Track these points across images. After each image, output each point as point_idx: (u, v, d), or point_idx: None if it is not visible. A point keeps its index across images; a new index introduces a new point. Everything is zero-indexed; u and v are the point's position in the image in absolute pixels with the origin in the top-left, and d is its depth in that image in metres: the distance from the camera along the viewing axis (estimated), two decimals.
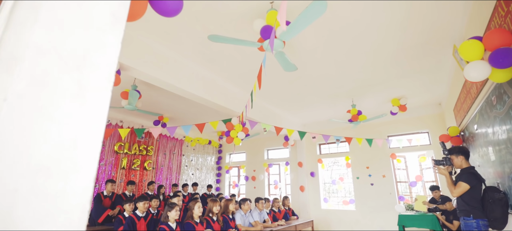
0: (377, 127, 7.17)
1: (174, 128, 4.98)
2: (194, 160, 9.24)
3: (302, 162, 8.00)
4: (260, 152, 9.33)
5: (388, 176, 6.78)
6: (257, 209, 4.96)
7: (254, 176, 9.16)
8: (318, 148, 8.13)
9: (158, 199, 4.85)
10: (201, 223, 3.66)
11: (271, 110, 6.56)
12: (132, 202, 4.27)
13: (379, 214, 6.67)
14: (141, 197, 4.07)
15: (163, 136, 8.16)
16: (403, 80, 4.98)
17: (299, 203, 7.85)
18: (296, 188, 8.10)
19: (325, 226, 7.34)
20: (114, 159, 6.79)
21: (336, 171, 7.95)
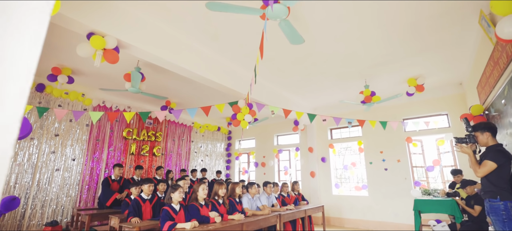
0: (391, 110, 6.82)
1: (180, 112, 4.87)
2: (204, 146, 9.21)
3: (312, 148, 7.79)
4: (269, 138, 9.18)
5: (403, 160, 6.47)
6: (265, 193, 4.84)
7: (264, 162, 9.04)
8: (329, 133, 7.88)
9: (166, 184, 4.81)
10: (206, 206, 3.57)
11: (279, 93, 6.34)
12: (138, 185, 4.24)
13: (393, 200, 6.42)
14: (146, 180, 4.03)
15: (171, 122, 8.14)
16: (421, 56, 4.61)
17: (310, 189, 7.69)
18: (307, 174, 7.93)
19: (337, 213, 7.17)
20: (123, 145, 6.83)
21: (348, 156, 7.69)
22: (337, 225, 7.08)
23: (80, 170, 5.93)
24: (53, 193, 5.49)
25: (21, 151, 5.17)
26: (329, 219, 7.20)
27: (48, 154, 5.51)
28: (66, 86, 5.81)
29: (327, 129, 7.84)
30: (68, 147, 5.81)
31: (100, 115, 4.35)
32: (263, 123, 9.28)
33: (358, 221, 6.78)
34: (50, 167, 5.51)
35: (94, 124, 6.29)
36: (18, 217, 5.03)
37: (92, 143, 6.20)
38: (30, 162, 5.26)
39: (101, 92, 6.44)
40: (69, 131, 5.86)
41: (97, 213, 4.36)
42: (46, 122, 5.55)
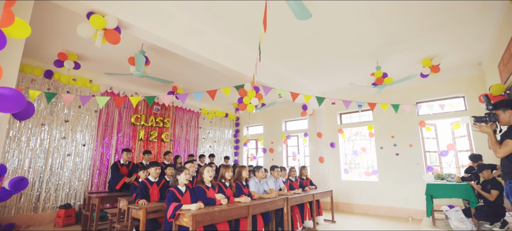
0: (404, 93, 6.56)
1: (185, 96, 4.82)
2: (211, 133, 9.22)
3: (321, 133, 7.65)
4: (277, 124, 9.08)
5: (416, 145, 6.27)
6: (272, 177, 4.79)
7: (272, 148, 8.99)
8: (339, 118, 7.70)
9: (174, 168, 4.82)
10: (212, 188, 3.54)
11: (287, 76, 6.19)
12: (146, 169, 4.27)
13: (404, 185, 6.26)
14: (153, 163, 4.03)
15: (179, 108, 8.14)
16: (437, 34, 4.34)
17: (318, 174, 7.62)
18: (315, 159, 7.84)
19: (345, 198, 7.09)
20: (132, 131, 6.89)
21: (358, 141, 7.52)
22: (346, 210, 7.01)
23: (91, 155, 6.04)
24: (66, 177, 5.63)
25: (33, 136, 5.29)
26: (338, 204, 7.14)
27: (59, 139, 5.62)
28: (74, 73, 5.84)
29: (337, 114, 7.66)
30: (78, 133, 5.90)
31: (106, 100, 4.35)
32: (271, 108, 9.16)
33: (367, 206, 6.69)
34: (62, 152, 5.62)
35: (102, 110, 6.35)
36: (34, 200, 5.20)
37: (101, 129, 6.28)
38: (42, 147, 5.38)
39: (109, 78, 6.46)
40: (78, 117, 5.94)
41: (106, 196, 4.44)
42: (55, 108, 5.63)
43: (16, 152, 5.06)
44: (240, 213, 3.28)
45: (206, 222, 2.85)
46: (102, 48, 4.83)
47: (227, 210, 3.10)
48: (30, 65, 5.28)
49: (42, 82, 5.51)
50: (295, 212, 4.72)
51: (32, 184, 5.21)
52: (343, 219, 5.96)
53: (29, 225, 5.05)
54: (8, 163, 4.96)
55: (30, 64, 5.31)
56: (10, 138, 5.02)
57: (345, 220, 5.79)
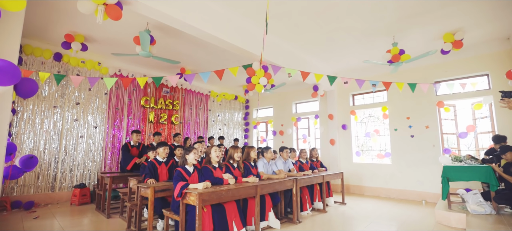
0: (422, 71, 6.21)
1: (193, 76, 4.73)
2: (221, 115, 9.19)
3: (333, 115, 7.45)
4: (288, 106, 8.92)
5: (433, 127, 5.98)
6: (282, 159, 4.71)
7: (282, 130, 8.89)
8: (351, 99, 7.44)
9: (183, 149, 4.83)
10: (220, 168, 3.50)
11: (297, 55, 5.96)
12: (155, 149, 4.28)
13: (419, 168, 6.05)
14: (161, 143, 4.03)
15: (188, 91, 8.10)
16: (461, 5, 3.98)
17: (329, 157, 7.49)
18: (326, 142, 7.69)
19: (357, 180, 6.96)
20: (142, 113, 6.93)
21: (371, 123, 7.28)
22: (357, 192, 6.91)
23: (103, 137, 6.14)
24: (80, 158, 5.78)
25: (47, 118, 5.40)
26: (348, 187, 7.04)
27: (72, 121, 5.72)
28: (82, 55, 5.86)
29: (349, 95, 7.40)
30: (90, 115, 5.99)
31: (114, 81, 4.33)
32: (281, 90, 8.98)
33: (379, 189, 6.55)
34: (75, 134, 5.74)
35: (112, 92, 6.39)
36: (51, 179, 5.38)
37: (112, 111, 6.34)
38: (55, 129, 5.50)
39: (117, 61, 6.45)
40: (89, 100, 6.00)
41: (117, 176, 4.51)
42: (66, 91, 5.69)
43: (31, 134, 5.20)
44: (247, 192, 3.24)
45: (212, 201, 2.82)
46: (107, 28, 4.76)
47: (235, 190, 3.06)
48: (39, 48, 5.30)
49: (52, 65, 5.55)
50: (304, 194, 4.66)
51: (48, 165, 5.37)
52: (354, 201, 5.86)
53: (47, 203, 5.26)
54: (24, 144, 5.11)
55: (40, 47, 5.34)
56: (24, 120, 5.14)
57: (355, 202, 5.70)
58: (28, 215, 4.45)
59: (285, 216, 4.30)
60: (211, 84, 8.69)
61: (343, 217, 4.48)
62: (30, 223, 3.96)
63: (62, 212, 4.65)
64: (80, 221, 4.11)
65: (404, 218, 4.43)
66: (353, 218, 4.42)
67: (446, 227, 3.89)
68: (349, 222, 4.18)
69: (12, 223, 3.96)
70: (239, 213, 3.25)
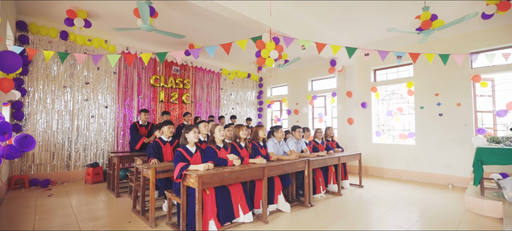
0: (456, 41, 5.48)
1: (198, 51, 4.43)
2: (233, 94, 8.92)
3: (351, 92, 6.93)
4: (303, 84, 8.45)
5: (465, 104, 5.35)
6: (294, 138, 4.40)
7: (297, 109, 8.50)
8: (372, 75, 6.84)
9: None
10: (224, 148, 3.27)
11: (312, 26, 5.44)
12: (160, 128, 4.12)
13: (446, 149, 5.51)
14: (165, 122, 3.85)
15: (198, 69, 7.86)
16: None
17: (347, 137, 7.07)
18: (344, 121, 7.24)
19: (376, 162, 6.54)
20: (152, 93, 6.82)
21: (394, 101, 6.70)
22: (375, 175, 6.51)
23: (114, 116, 6.12)
24: (92, 138, 5.81)
25: (57, 99, 5.40)
26: (367, 169, 6.65)
27: (82, 101, 5.70)
28: (89, 33, 5.72)
29: (370, 70, 6.80)
30: (100, 95, 5.94)
31: (117, 58, 4.17)
32: (296, 67, 8.50)
33: (400, 171, 6.11)
34: (86, 114, 5.74)
35: (121, 71, 6.27)
36: (65, 158, 5.47)
37: (122, 90, 6.26)
38: (67, 109, 5.51)
39: (124, 38, 6.27)
40: (98, 79, 5.93)
41: (124, 156, 4.45)
42: (75, 70, 5.63)
43: (43, 114, 5.24)
44: (253, 175, 2.99)
45: (214, 184, 2.61)
46: (110, 2, 4.52)
47: (239, 172, 2.82)
48: (45, 26, 5.20)
49: (59, 44, 5.47)
50: (318, 176, 4.37)
51: (62, 144, 5.44)
52: (372, 184, 5.50)
53: (64, 181, 5.38)
54: (37, 124, 5.17)
55: (45, 25, 5.24)
56: (36, 101, 5.16)
57: (374, 185, 5.34)
58: (44, 192, 4.55)
59: (297, 199, 4.07)
60: (222, 62, 8.37)
61: (359, 201, 4.16)
62: (43, 201, 4.03)
63: (75, 190, 4.72)
64: (90, 200, 4.12)
65: (428, 204, 4.04)
66: (370, 202, 4.10)
67: (478, 216, 3.47)
68: (365, 207, 3.86)
69: (27, 200, 4.05)
70: (245, 196, 3.05)
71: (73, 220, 3.19)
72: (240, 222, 3.00)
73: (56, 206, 3.79)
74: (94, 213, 3.47)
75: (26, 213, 3.44)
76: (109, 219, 3.26)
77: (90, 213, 3.48)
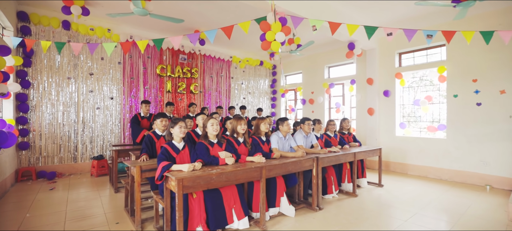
0: (500, 16, 4.60)
1: (196, 36, 4.04)
2: (245, 83, 8.51)
3: (372, 79, 6.23)
4: (319, 71, 7.82)
5: (511, 92, 4.52)
6: (302, 132, 3.92)
7: (312, 98, 7.92)
8: (397, 59, 6.07)
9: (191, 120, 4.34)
10: (219, 144, 2.90)
11: (326, 4, 4.82)
12: None
13: (484, 144, 4.74)
14: (159, 114, 3.54)
15: (207, 57, 7.51)
16: None
17: (367, 129, 6.43)
18: (363, 111, 6.59)
19: (399, 157, 5.87)
20: (158, 83, 6.59)
21: (422, 88, 5.93)
22: (398, 171, 5.86)
23: (120, 108, 5.98)
24: (98, 130, 5.72)
25: (62, 91, 5.32)
26: (388, 164, 6.01)
27: (87, 93, 5.59)
28: (91, 22, 5.54)
29: (394, 54, 6.04)
30: (105, 86, 5.81)
31: (113, 46, 3.90)
32: (311, 52, 7.87)
33: (427, 168, 5.41)
34: (91, 106, 5.64)
35: (126, 61, 6.08)
36: (72, 150, 5.44)
37: (127, 81, 6.09)
38: (72, 101, 5.43)
39: (128, 27, 6.05)
40: (102, 69, 5.78)
41: (122, 150, 4.25)
42: (78, 61, 5.51)
43: (48, 106, 5.19)
44: (248, 176, 2.60)
45: (199, 188, 2.25)
46: None
47: (230, 173, 2.44)
48: (46, 16, 5.08)
49: (61, 34, 5.34)
50: (329, 174, 3.89)
51: (68, 137, 5.40)
52: (394, 182, 4.91)
53: (71, 173, 5.37)
54: (43, 116, 5.13)
55: (46, 15, 5.11)
56: (40, 93, 5.11)
57: (395, 184, 4.75)
58: (48, 185, 4.51)
59: (305, 200, 3.63)
60: (233, 49, 7.94)
61: (377, 204, 3.64)
62: (43, 195, 3.95)
63: (78, 184, 4.63)
64: (89, 195, 3.98)
65: (461, 210, 3.42)
66: (390, 206, 3.56)
67: None
68: (384, 212, 3.34)
69: (29, 193, 4.01)
70: (240, 199, 2.68)
71: (61, 219, 3.02)
72: (234, 229, 2.64)
73: (53, 201, 3.68)
74: (86, 211, 3.29)
75: (20, 208, 3.35)
76: (98, 219, 3.06)
77: (82, 210, 3.31)
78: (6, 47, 3.97)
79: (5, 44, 3.99)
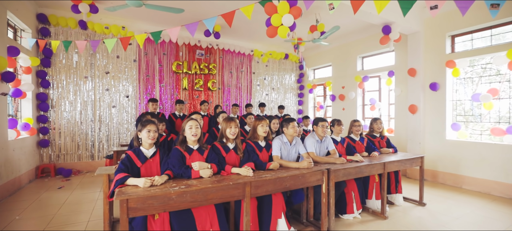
0: None
1: (195, 26, 3.60)
2: (268, 78, 7.91)
3: (415, 69, 5.12)
4: (350, 62, 6.83)
5: None
6: (315, 136, 3.20)
7: (343, 94, 6.97)
8: (449, 43, 4.86)
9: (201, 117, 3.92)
10: (199, 151, 2.40)
11: None
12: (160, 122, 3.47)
13: None
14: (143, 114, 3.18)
15: (226, 51, 7.09)
16: None
17: (407, 130, 5.33)
18: (404, 109, 5.48)
19: (451, 167, 4.68)
20: (174, 80, 6.39)
21: (484, 80, 4.64)
22: (449, 184, 4.69)
23: (135, 106, 5.92)
24: (114, 128, 5.72)
25: (79, 90, 5.40)
26: (436, 175, 4.87)
27: (103, 91, 5.61)
28: (106, 21, 5.53)
29: (445, 37, 4.83)
30: (121, 85, 5.77)
31: (114, 42, 3.72)
32: (341, 41, 6.92)
33: (491, 183, 4.18)
34: (107, 104, 5.65)
35: (141, 59, 5.98)
36: (90, 148, 5.51)
37: (143, 79, 5.99)
38: (89, 99, 5.48)
39: (143, 24, 5.93)
40: (118, 68, 5.75)
41: (120, 150, 4.04)
42: (94, 60, 5.54)
43: (67, 105, 5.30)
44: (225, 195, 2.04)
45: (151, 210, 1.77)
46: None
47: (198, 191, 1.91)
48: (63, 17, 5.16)
49: (79, 33, 5.41)
50: (350, 188, 3.12)
51: (86, 135, 5.48)
52: (442, 199, 3.86)
53: (88, 171, 5.44)
54: (62, 115, 5.26)
55: (63, 16, 5.19)
56: (59, 92, 5.23)
57: (444, 202, 3.72)
58: (62, 182, 4.56)
59: (315, 221, 2.94)
60: (254, 42, 7.40)
61: None
62: (48, 194, 3.95)
63: (89, 183, 4.61)
64: (89, 197, 3.85)
65: None
66: None
67: None
68: None
69: (39, 191, 4.05)
70: (219, 222, 2.14)
71: (43, 225, 2.86)
72: None
73: (51, 202, 3.61)
74: (72, 217, 3.11)
75: (18, 209, 3.32)
76: (79, 226, 2.83)
77: (69, 216, 3.14)
78: (14, 48, 4.04)
79: (14, 45, 4.07)
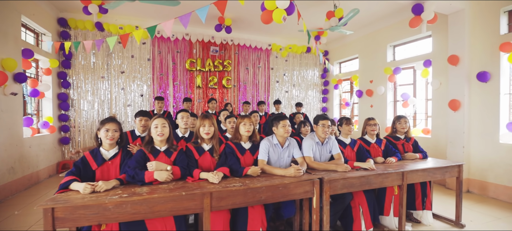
0: None
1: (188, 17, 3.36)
2: (288, 74, 7.41)
3: (458, 56, 4.19)
4: (380, 52, 5.99)
5: None
6: (315, 137, 2.70)
7: (371, 89, 6.17)
8: (505, 20, 3.85)
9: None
10: (166, 153, 2.13)
11: None
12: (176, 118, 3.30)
13: None
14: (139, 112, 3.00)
15: (242, 47, 6.80)
16: None
17: (447, 131, 4.40)
18: (443, 104, 4.56)
19: (505, 177, 3.69)
20: (188, 78, 6.30)
21: None
22: (502, 199, 3.72)
23: (149, 105, 5.96)
24: (129, 127, 5.83)
25: (97, 89, 5.59)
26: (485, 187, 3.92)
27: (119, 91, 5.74)
28: (121, 21, 5.63)
29: (498, 14, 3.84)
30: (135, 84, 5.86)
31: (115, 40, 3.71)
32: (368, 29, 6.13)
33: None
34: (123, 103, 5.78)
35: (155, 57, 6.00)
36: None
37: (157, 77, 6.01)
38: (105, 98, 5.66)
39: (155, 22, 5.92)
40: (132, 67, 5.84)
41: None
42: (110, 60, 5.69)
43: (85, 104, 5.53)
44: (178, 206, 1.71)
45: (83, 222, 1.53)
46: None
47: (141, 202, 1.62)
48: (81, 20, 5.38)
49: (97, 35, 5.60)
50: (357, 202, 2.56)
51: None
52: (488, 220, 3.03)
53: None
54: (81, 113, 5.51)
55: (81, 19, 5.41)
56: (78, 92, 5.48)
57: (490, 225, 2.90)
58: None
59: None
60: (271, 36, 6.98)
61: None
62: None
63: None
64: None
65: None
66: None
67: None
68: None
69: (50, 188, 4.23)
70: None
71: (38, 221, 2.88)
72: None
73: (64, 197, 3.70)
74: None
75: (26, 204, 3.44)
76: None
77: None
78: (28, 50, 4.26)
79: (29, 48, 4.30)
